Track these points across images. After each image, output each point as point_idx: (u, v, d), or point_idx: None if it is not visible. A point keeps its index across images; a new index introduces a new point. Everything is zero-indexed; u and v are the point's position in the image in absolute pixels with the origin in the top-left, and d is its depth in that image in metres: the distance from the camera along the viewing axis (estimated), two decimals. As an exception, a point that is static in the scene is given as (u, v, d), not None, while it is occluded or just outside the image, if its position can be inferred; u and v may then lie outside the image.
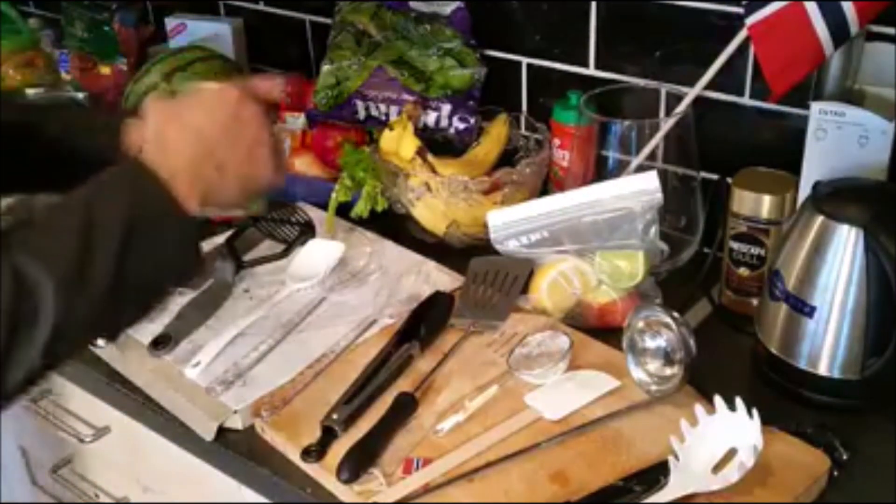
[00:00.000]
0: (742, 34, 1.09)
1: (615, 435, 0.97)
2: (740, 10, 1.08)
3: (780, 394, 1.04)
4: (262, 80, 0.94)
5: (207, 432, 1.03)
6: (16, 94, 1.24)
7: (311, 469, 0.96)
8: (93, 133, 0.99)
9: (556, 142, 1.37)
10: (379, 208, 1.36)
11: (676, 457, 0.90)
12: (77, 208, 0.79)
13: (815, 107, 1.09)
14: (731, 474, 0.88)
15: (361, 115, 1.46)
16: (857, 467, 0.94)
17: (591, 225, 1.14)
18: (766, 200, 1.12)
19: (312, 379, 1.07)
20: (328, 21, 1.54)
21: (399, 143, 1.32)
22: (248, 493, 1.04)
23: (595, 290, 1.14)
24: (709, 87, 1.15)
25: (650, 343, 1.03)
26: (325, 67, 1.46)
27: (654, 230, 1.12)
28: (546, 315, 1.15)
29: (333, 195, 1.35)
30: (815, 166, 1.10)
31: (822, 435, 0.95)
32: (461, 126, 1.43)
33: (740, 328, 1.14)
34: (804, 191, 1.09)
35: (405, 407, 1.01)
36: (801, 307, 1.00)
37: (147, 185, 0.81)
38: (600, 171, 1.21)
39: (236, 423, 1.03)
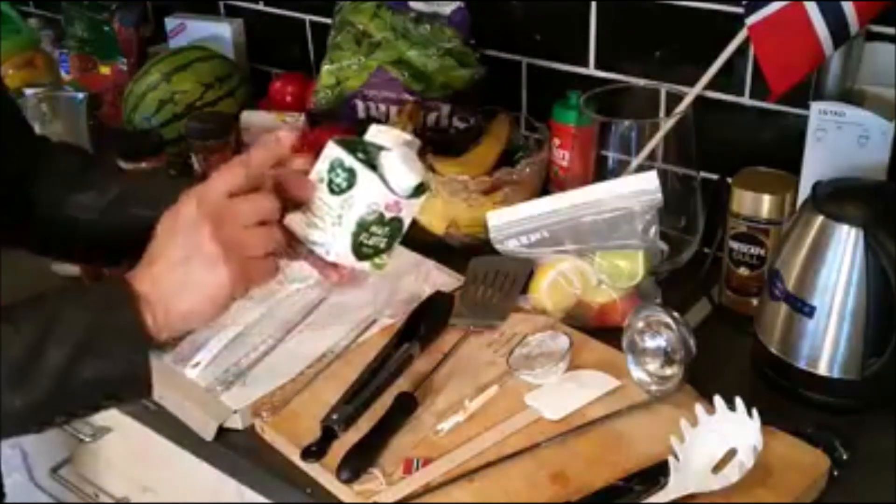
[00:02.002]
0: (742, 34, 1.09)
1: (615, 435, 0.97)
2: (740, 10, 1.08)
3: (780, 394, 1.04)
4: (256, 151, 0.86)
5: (207, 432, 1.03)
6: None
7: (311, 469, 0.96)
8: (171, 203, 0.99)
9: (556, 142, 1.37)
10: (379, 208, 1.36)
11: (676, 457, 0.90)
12: (41, 311, 0.79)
13: (815, 107, 1.09)
14: (731, 474, 0.88)
15: (361, 115, 1.46)
16: (857, 467, 0.94)
17: (591, 225, 1.14)
18: (766, 200, 1.12)
19: (312, 379, 1.07)
20: (328, 21, 1.54)
21: (399, 143, 1.31)
22: (248, 493, 1.04)
23: (595, 290, 1.14)
24: (709, 87, 1.15)
25: (650, 343, 1.03)
26: (325, 67, 1.46)
27: (654, 230, 1.12)
28: (546, 315, 1.15)
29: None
30: (815, 166, 1.10)
31: (822, 435, 0.95)
32: (461, 126, 1.43)
33: (740, 328, 1.14)
34: (804, 191, 1.09)
35: (405, 407, 1.01)
36: (801, 307, 1.00)
37: (119, 301, 0.80)
38: (600, 171, 1.21)
39: (236, 423, 1.03)
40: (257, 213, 0.83)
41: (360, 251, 0.87)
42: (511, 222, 1.18)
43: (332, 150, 0.86)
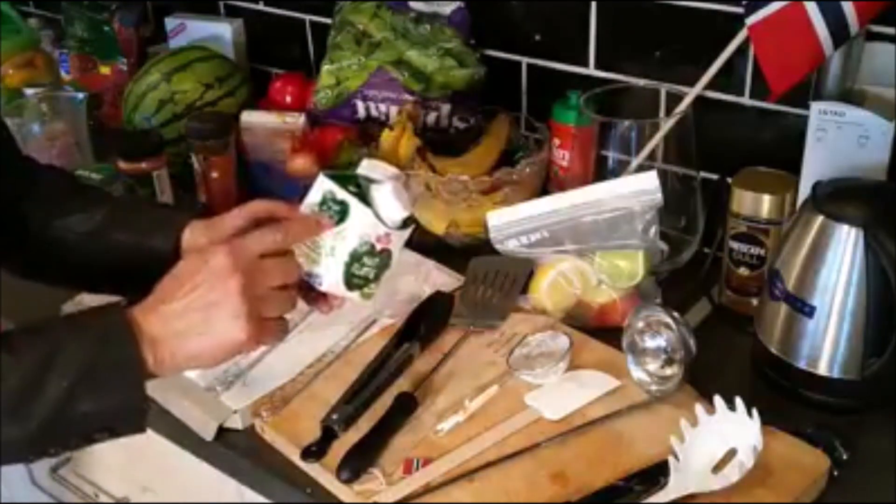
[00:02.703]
0: (742, 34, 1.09)
1: (615, 435, 0.97)
2: (740, 10, 1.08)
3: (780, 394, 1.04)
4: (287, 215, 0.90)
5: (207, 432, 1.03)
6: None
7: (311, 469, 0.97)
8: (154, 232, 0.99)
9: (556, 142, 1.37)
10: (379, 208, 1.36)
11: (676, 457, 0.90)
12: (43, 342, 0.80)
13: (815, 107, 1.09)
14: (731, 474, 0.88)
15: (361, 115, 1.46)
16: (857, 467, 0.94)
17: (591, 225, 1.14)
18: (766, 200, 1.12)
19: (312, 379, 1.07)
20: (328, 21, 1.54)
21: (399, 143, 1.32)
22: (248, 493, 1.04)
23: (595, 290, 1.14)
24: (709, 87, 1.15)
25: (650, 343, 1.03)
26: (325, 67, 1.46)
27: (654, 230, 1.12)
28: (546, 315, 1.15)
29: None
30: (815, 166, 1.10)
31: (822, 435, 0.95)
32: (461, 126, 1.43)
33: (740, 328, 1.14)
34: (804, 191, 1.09)
35: (405, 407, 1.01)
36: (801, 307, 1.00)
37: (119, 337, 0.81)
38: (600, 171, 1.21)
39: (236, 423, 1.03)
40: (284, 276, 0.86)
41: (350, 281, 0.91)
42: (511, 222, 1.18)
43: (324, 184, 0.89)
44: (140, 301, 0.84)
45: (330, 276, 0.90)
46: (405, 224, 0.91)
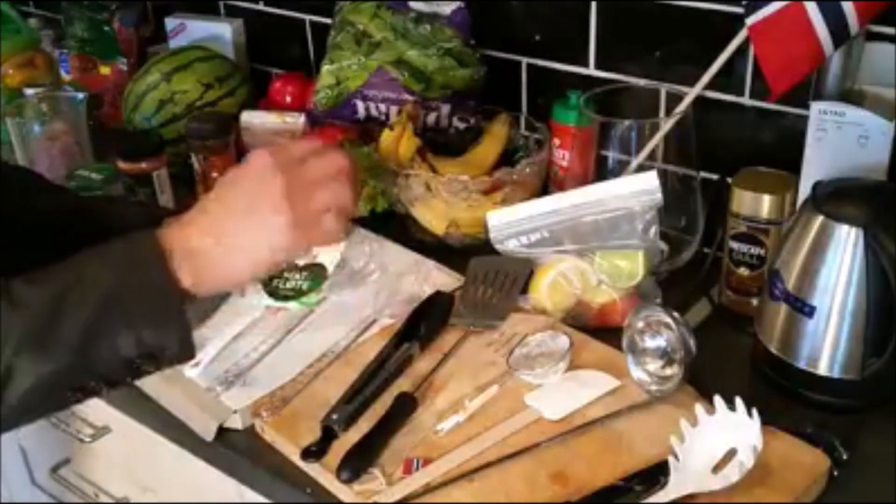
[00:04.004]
0: (742, 34, 1.09)
1: (615, 435, 0.97)
2: (740, 10, 1.08)
3: (780, 394, 1.04)
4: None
5: (207, 432, 1.03)
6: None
7: (311, 469, 0.97)
8: (134, 229, 0.98)
9: (556, 142, 1.37)
10: (379, 208, 1.36)
11: (676, 457, 0.90)
12: (64, 270, 0.77)
13: (815, 107, 1.09)
14: (731, 474, 0.88)
15: (361, 115, 1.46)
16: (857, 467, 0.94)
17: (591, 225, 1.14)
18: (766, 200, 1.12)
19: (312, 379, 1.07)
20: (328, 21, 1.54)
21: (399, 143, 1.32)
22: (248, 493, 1.04)
23: (595, 290, 1.14)
24: (709, 87, 1.15)
25: (650, 343, 1.03)
26: (325, 67, 1.46)
27: (654, 230, 1.12)
28: (546, 315, 1.15)
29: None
30: (815, 166, 1.10)
31: (822, 435, 0.95)
32: (461, 126, 1.43)
33: (740, 328, 1.14)
34: (804, 191, 1.09)
35: (405, 407, 1.01)
36: (801, 307, 1.00)
37: (145, 258, 0.77)
38: (600, 171, 1.21)
39: (236, 423, 1.03)
40: (330, 167, 0.83)
41: (277, 294, 0.93)
42: (511, 222, 1.18)
43: None
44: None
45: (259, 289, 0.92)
46: None
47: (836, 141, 1.08)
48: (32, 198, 1.03)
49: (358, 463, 0.93)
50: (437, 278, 1.23)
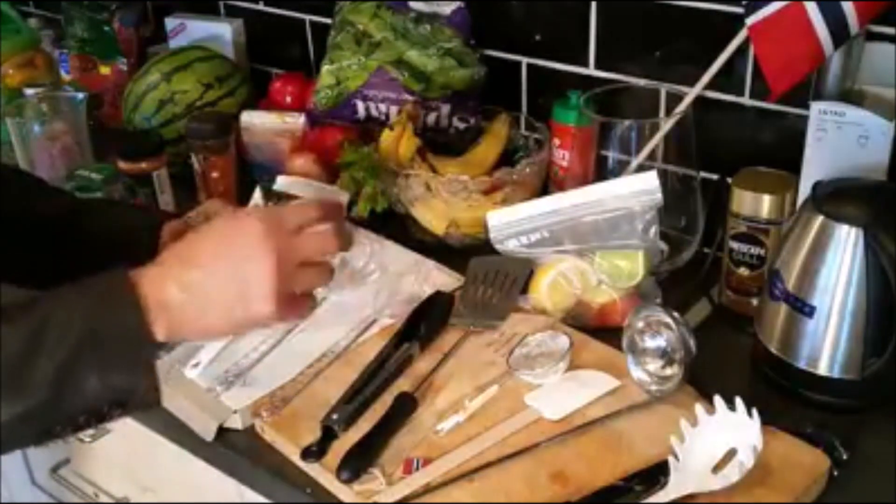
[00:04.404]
0: (742, 34, 1.09)
1: (615, 435, 0.97)
2: (740, 10, 1.08)
3: (780, 394, 1.04)
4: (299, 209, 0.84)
5: (207, 432, 1.03)
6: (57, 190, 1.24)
7: (311, 469, 0.97)
8: (134, 231, 0.98)
9: (556, 142, 1.37)
10: (379, 208, 1.36)
11: (676, 457, 0.90)
12: (40, 308, 0.76)
13: (815, 107, 1.09)
14: (731, 474, 0.88)
15: (361, 115, 1.46)
16: (857, 467, 0.94)
17: (591, 225, 1.14)
18: (766, 200, 1.12)
19: (312, 379, 1.07)
20: (328, 21, 1.54)
21: (399, 143, 1.32)
22: (248, 493, 1.04)
23: (595, 290, 1.14)
24: (709, 87, 1.15)
25: (650, 343, 1.03)
26: (325, 67, 1.46)
27: (654, 230, 1.12)
28: (546, 315, 1.15)
29: (333, 195, 1.35)
30: (815, 166, 1.10)
31: (822, 435, 0.95)
32: (461, 126, 1.43)
33: (740, 328, 1.14)
34: (804, 191, 1.09)
35: (405, 407, 1.01)
36: (801, 307, 1.00)
37: (122, 306, 0.76)
38: (600, 171, 1.21)
39: (236, 423, 1.03)
40: (322, 247, 0.83)
41: None
42: (511, 222, 1.18)
43: (256, 194, 0.87)
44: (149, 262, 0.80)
45: None
46: None
47: (836, 141, 1.08)
48: (31, 200, 1.03)
49: (358, 463, 0.93)
50: (437, 278, 1.23)
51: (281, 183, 0.89)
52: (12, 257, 1.00)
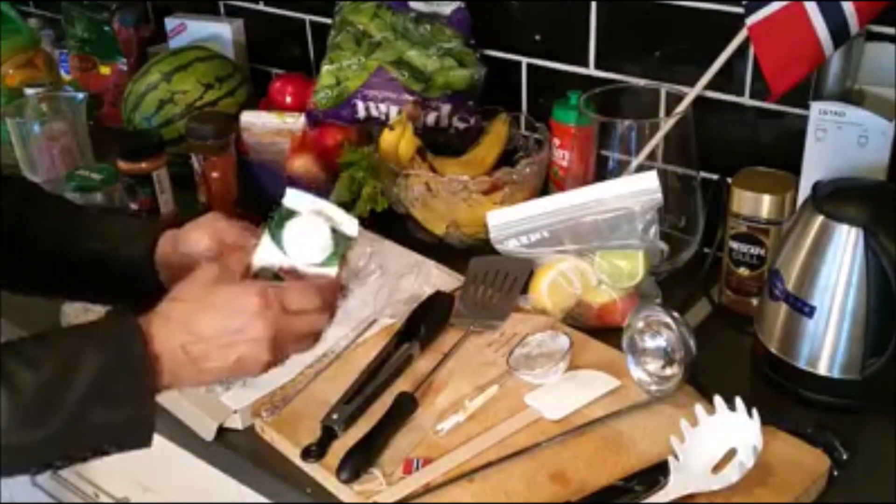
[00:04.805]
0: (742, 34, 1.09)
1: (615, 435, 0.97)
2: (740, 10, 1.08)
3: (780, 394, 1.04)
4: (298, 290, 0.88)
5: (207, 432, 1.03)
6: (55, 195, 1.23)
7: (311, 469, 0.97)
8: (130, 241, 1.00)
9: (556, 142, 1.37)
10: (379, 208, 1.36)
11: (676, 457, 0.90)
12: (58, 353, 0.80)
13: (815, 107, 1.09)
14: (731, 474, 0.88)
15: (361, 115, 1.46)
16: (857, 467, 0.94)
17: (591, 225, 1.14)
18: (766, 200, 1.12)
19: (312, 379, 1.07)
20: (328, 21, 1.54)
21: (399, 143, 1.32)
22: (248, 493, 1.04)
23: (595, 290, 1.14)
24: (709, 87, 1.15)
25: (650, 343, 1.03)
26: (325, 67, 1.46)
27: (654, 230, 1.12)
28: (546, 315, 1.15)
29: (333, 195, 1.35)
30: (815, 166, 1.10)
31: (822, 435, 0.95)
32: (461, 126, 1.43)
33: (740, 328, 1.14)
34: (804, 191, 1.09)
35: (405, 407, 1.01)
36: (801, 307, 1.00)
37: (134, 356, 0.81)
38: (600, 171, 1.21)
39: (236, 423, 1.03)
40: (314, 329, 0.88)
41: None
42: (511, 222, 1.18)
43: (264, 241, 0.90)
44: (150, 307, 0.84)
45: None
46: (328, 262, 0.90)
47: (836, 141, 1.08)
48: (26, 207, 1.04)
49: (358, 463, 0.94)
50: (437, 278, 1.23)
51: (291, 200, 0.90)
52: (9, 265, 1.01)
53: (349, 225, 0.91)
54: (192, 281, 0.87)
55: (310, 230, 0.89)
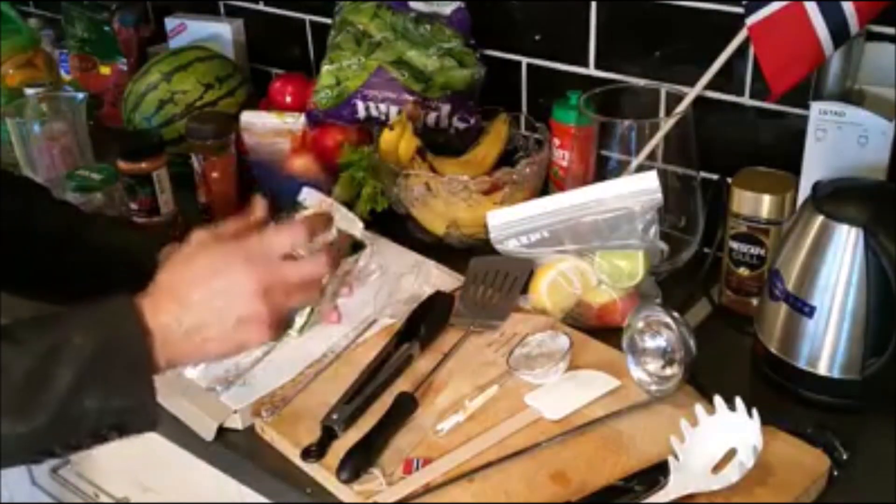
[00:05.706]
0: (742, 34, 1.09)
1: (615, 435, 0.97)
2: (740, 10, 1.08)
3: (780, 394, 1.04)
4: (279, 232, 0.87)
5: (207, 432, 1.03)
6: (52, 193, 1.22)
7: (311, 469, 0.97)
8: (132, 253, 1.00)
9: (556, 142, 1.37)
10: (379, 208, 1.36)
11: (676, 457, 0.90)
12: (48, 334, 0.78)
13: (815, 107, 1.09)
14: (731, 474, 0.88)
15: (361, 115, 1.46)
16: (857, 467, 0.94)
17: (591, 225, 1.14)
18: (766, 200, 1.12)
19: (312, 379, 1.07)
20: (328, 21, 1.54)
21: (399, 143, 1.32)
22: (248, 493, 1.04)
23: (595, 290, 1.14)
24: (709, 87, 1.15)
25: (650, 343, 1.03)
26: (325, 67, 1.46)
27: (654, 230, 1.12)
28: (546, 315, 1.15)
29: (333, 195, 1.35)
30: (815, 166, 1.10)
31: (822, 435, 0.95)
32: (461, 126, 1.43)
33: (740, 328, 1.14)
34: (804, 191, 1.09)
35: (405, 407, 1.01)
36: (801, 307, 1.00)
37: (128, 328, 0.79)
38: (600, 171, 1.21)
39: (236, 423, 1.03)
40: (310, 274, 0.86)
41: None
42: (511, 222, 1.18)
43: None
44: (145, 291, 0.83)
45: None
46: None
47: (836, 141, 1.08)
48: (33, 210, 1.04)
49: (358, 463, 0.94)
50: (437, 278, 1.23)
51: (303, 196, 0.92)
52: (11, 267, 1.01)
53: (354, 225, 0.92)
54: (178, 251, 0.86)
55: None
